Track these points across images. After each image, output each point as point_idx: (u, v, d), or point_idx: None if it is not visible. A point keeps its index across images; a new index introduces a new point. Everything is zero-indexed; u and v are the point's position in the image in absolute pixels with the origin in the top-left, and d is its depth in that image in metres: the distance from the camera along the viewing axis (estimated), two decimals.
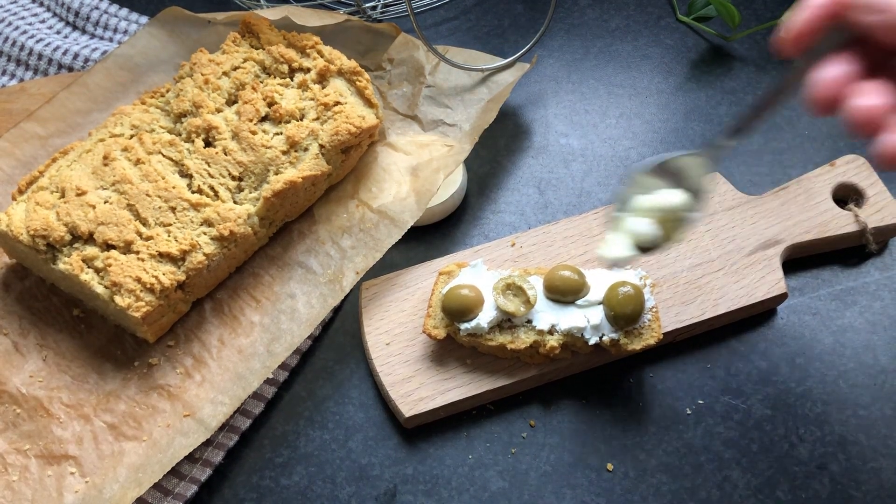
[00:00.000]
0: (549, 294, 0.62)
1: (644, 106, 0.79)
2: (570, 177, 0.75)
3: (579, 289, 0.61)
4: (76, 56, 0.81)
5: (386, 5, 0.84)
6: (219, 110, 0.70)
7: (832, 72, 0.42)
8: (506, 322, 0.62)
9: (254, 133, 0.68)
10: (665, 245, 0.50)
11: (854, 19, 0.41)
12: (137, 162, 0.67)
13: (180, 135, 0.69)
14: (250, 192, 0.67)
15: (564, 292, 0.61)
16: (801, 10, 0.42)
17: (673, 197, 0.47)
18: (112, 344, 0.67)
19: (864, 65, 0.43)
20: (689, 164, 0.47)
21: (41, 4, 0.86)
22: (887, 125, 0.41)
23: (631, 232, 0.49)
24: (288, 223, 0.71)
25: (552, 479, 0.61)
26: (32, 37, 0.82)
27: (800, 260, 0.69)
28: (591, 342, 0.60)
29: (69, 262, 0.63)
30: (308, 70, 0.72)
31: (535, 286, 0.62)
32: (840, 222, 0.67)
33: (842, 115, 0.42)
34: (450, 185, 0.71)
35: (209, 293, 0.68)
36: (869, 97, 0.41)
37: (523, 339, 0.61)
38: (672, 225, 0.48)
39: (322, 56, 0.72)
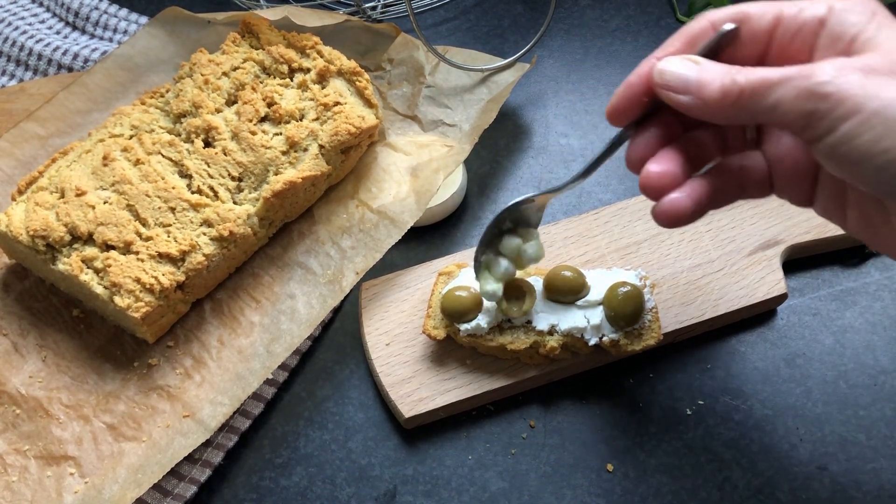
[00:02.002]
0: (548, 294, 0.62)
1: None
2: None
3: (579, 289, 0.61)
4: (76, 56, 0.81)
5: (386, 5, 0.84)
6: (218, 110, 0.69)
7: (640, 140, 0.49)
8: (506, 323, 0.62)
9: (253, 133, 0.68)
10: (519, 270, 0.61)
11: (664, 98, 0.46)
12: (137, 162, 0.67)
13: (180, 135, 0.69)
14: (250, 193, 0.67)
15: (564, 293, 0.61)
16: (620, 87, 0.49)
17: (512, 241, 0.59)
18: (112, 344, 0.67)
19: (674, 130, 0.49)
20: (532, 205, 0.57)
21: (41, 4, 0.86)
22: (665, 191, 0.47)
23: (492, 271, 0.59)
24: (288, 223, 0.71)
25: (552, 480, 0.61)
26: (32, 37, 0.82)
27: (800, 260, 0.69)
28: (591, 343, 0.60)
29: (69, 263, 0.63)
30: (308, 70, 0.72)
31: (535, 287, 0.62)
32: None
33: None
34: (450, 185, 0.71)
35: (209, 294, 0.68)
36: (654, 165, 0.48)
37: (523, 340, 0.61)
38: (519, 260, 0.59)
39: (322, 56, 0.72)
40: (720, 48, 0.46)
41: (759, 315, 0.67)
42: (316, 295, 0.67)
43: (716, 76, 0.44)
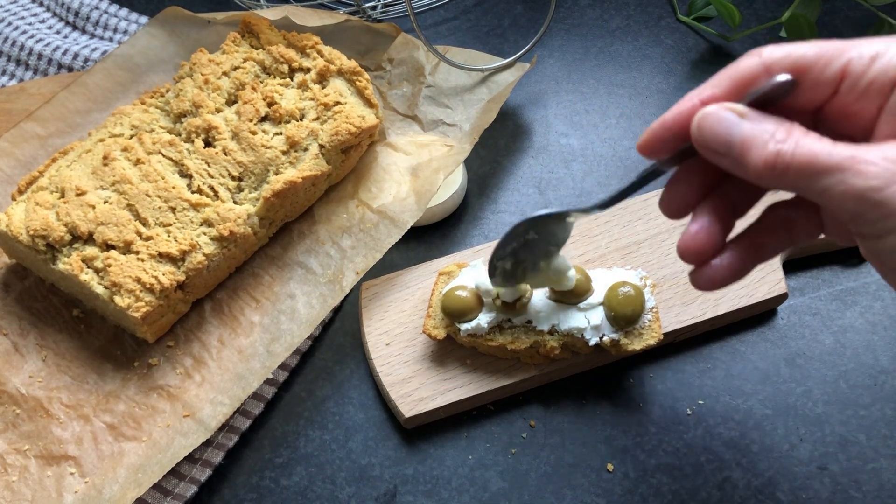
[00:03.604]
0: (553, 295, 0.62)
1: (644, 106, 0.79)
2: (570, 177, 0.75)
3: (585, 291, 0.61)
4: (76, 56, 0.81)
5: (386, 5, 0.84)
6: (219, 110, 0.69)
7: (676, 188, 0.47)
8: (506, 322, 0.62)
9: (254, 133, 0.68)
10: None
11: (701, 154, 0.42)
12: (137, 162, 0.67)
13: (180, 135, 0.69)
14: (250, 193, 0.67)
15: (570, 294, 0.61)
16: (655, 124, 0.44)
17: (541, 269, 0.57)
18: (112, 344, 0.67)
19: (714, 172, 0.45)
20: (561, 222, 0.53)
21: (41, 4, 0.86)
22: (704, 260, 0.45)
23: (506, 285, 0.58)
24: (288, 223, 0.71)
25: (552, 480, 0.61)
26: (32, 37, 0.82)
27: (800, 260, 0.69)
28: (592, 343, 0.60)
29: (69, 263, 0.63)
30: (308, 70, 0.72)
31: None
32: None
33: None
34: (450, 185, 0.71)
35: (209, 293, 0.68)
36: (691, 237, 0.45)
37: (523, 340, 0.61)
38: (543, 282, 0.58)
39: (322, 56, 0.72)
40: (776, 97, 0.41)
41: (760, 315, 0.67)
42: (316, 295, 0.67)
43: (760, 142, 0.40)
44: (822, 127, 0.43)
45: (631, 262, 0.67)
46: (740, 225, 0.48)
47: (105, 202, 0.65)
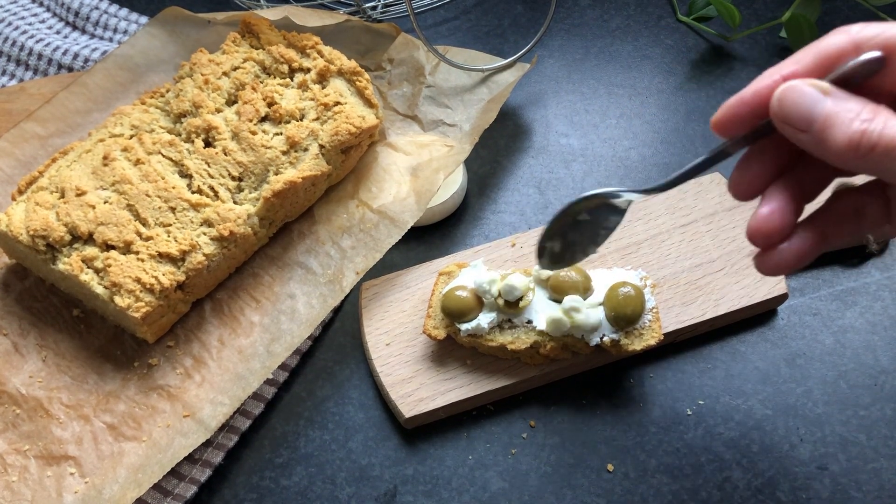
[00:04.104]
0: (553, 295, 0.62)
1: (644, 106, 0.79)
2: (571, 177, 0.75)
3: (585, 289, 0.61)
4: (76, 56, 0.81)
5: (386, 5, 0.84)
6: (219, 110, 0.69)
7: (747, 168, 0.44)
8: (506, 322, 0.62)
9: (254, 133, 0.68)
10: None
11: (780, 130, 0.41)
12: (137, 162, 0.67)
13: (180, 135, 0.69)
14: (250, 193, 0.67)
15: (571, 293, 0.61)
16: (732, 99, 0.43)
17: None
18: (112, 344, 0.67)
19: (786, 153, 0.44)
20: (613, 200, 0.50)
21: (41, 4, 0.86)
22: (773, 243, 0.44)
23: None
24: (288, 223, 0.71)
25: (552, 480, 0.61)
26: (32, 37, 0.82)
27: None
28: (592, 343, 0.60)
29: (69, 263, 0.63)
30: (308, 70, 0.72)
31: (536, 287, 0.62)
32: None
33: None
34: (450, 185, 0.71)
35: (209, 293, 0.68)
36: (761, 219, 0.43)
37: (524, 340, 0.61)
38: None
39: (322, 56, 0.72)
40: (861, 77, 0.40)
41: (760, 315, 0.67)
42: (316, 295, 0.67)
43: (845, 119, 0.38)
44: None
45: (631, 262, 0.67)
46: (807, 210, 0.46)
47: (105, 202, 0.65)
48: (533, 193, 0.74)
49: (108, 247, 0.64)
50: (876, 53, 0.39)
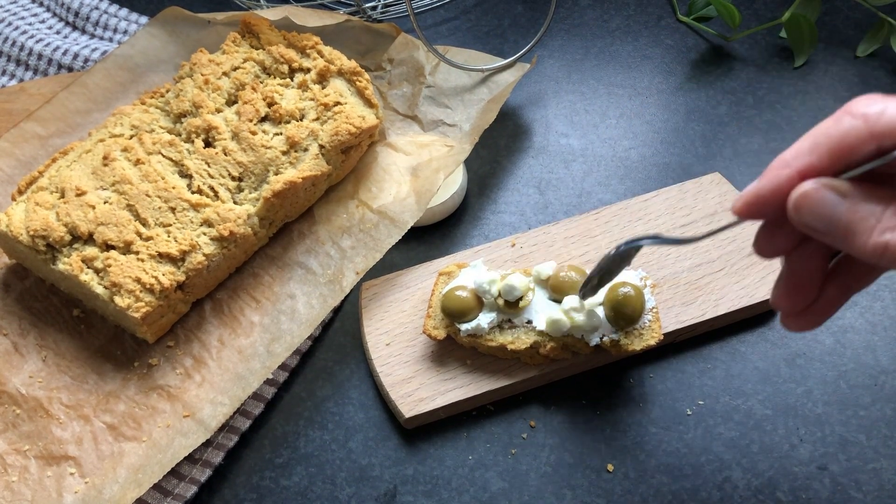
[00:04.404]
0: (553, 295, 0.62)
1: (644, 106, 0.79)
2: (570, 177, 0.75)
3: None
4: (76, 56, 0.81)
5: (386, 5, 0.84)
6: (219, 110, 0.69)
7: (770, 237, 0.43)
8: (506, 322, 0.62)
9: (254, 133, 0.68)
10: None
11: (800, 229, 0.39)
12: (137, 162, 0.67)
13: (180, 135, 0.69)
14: (250, 193, 0.67)
15: (571, 293, 0.61)
16: (748, 191, 0.40)
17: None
18: (112, 344, 0.67)
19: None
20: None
21: (41, 4, 0.86)
22: (797, 311, 0.43)
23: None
24: (288, 223, 0.71)
25: (552, 480, 0.61)
26: (32, 37, 0.82)
27: None
28: (592, 343, 0.60)
29: (69, 263, 0.63)
30: (308, 70, 0.72)
31: (536, 287, 0.62)
32: None
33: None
34: (450, 185, 0.71)
35: (209, 293, 0.68)
36: (781, 293, 0.43)
37: (523, 340, 0.61)
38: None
39: (322, 56, 0.72)
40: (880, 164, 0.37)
41: (760, 315, 0.67)
42: (316, 295, 0.67)
43: (866, 228, 0.36)
44: None
45: (631, 262, 0.67)
46: None
47: (105, 202, 0.65)
48: (533, 193, 0.74)
49: (108, 247, 0.64)
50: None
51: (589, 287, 0.56)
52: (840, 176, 0.38)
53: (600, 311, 0.60)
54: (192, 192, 0.67)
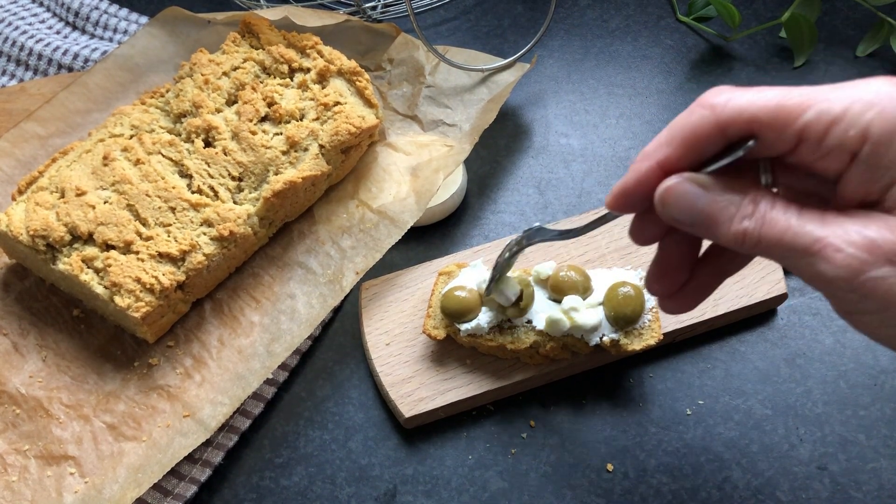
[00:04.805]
0: (553, 295, 0.62)
1: (644, 106, 0.79)
2: (570, 177, 0.75)
3: (585, 290, 0.61)
4: (76, 56, 0.81)
5: (386, 5, 0.84)
6: (219, 110, 0.70)
7: (643, 226, 0.45)
8: (506, 322, 0.62)
9: (254, 133, 0.68)
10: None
11: (667, 222, 0.42)
12: (137, 162, 0.67)
13: (180, 135, 0.69)
14: (250, 193, 0.67)
15: (570, 294, 0.61)
16: (617, 186, 0.43)
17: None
18: (112, 344, 0.67)
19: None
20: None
21: (41, 4, 0.86)
22: (668, 294, 0.47)
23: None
24: (288, 223, 0.71)
25: (552, 480, 0.61)
26: (32, 37, 0.82)
27: None
28: (592, 343, 0.60)
29: (69, 263, 0.63)
30: (308, 70, 0.72)
31: (536, 287, 0.62)
32: None
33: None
34: (450, 185, 0.71)
35: (209, 293, 0.68)
36: (652, 277, 0.46)
37: (523, 340, 0.61)
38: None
39: (322, 56, 0.72)
40: (736, 159, 0.40)
41: (760, 315, 0.67)
42: (316, 295, 0.67)
43: (726, 217, 0.39)
44: (783, 170, 0.42)
45: (631, 262, 0.67)
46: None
47: (105, 202, 0.65)
48: (533, 193, 0.74)
49: (108, 247, 0.64)
50: (751, 143, 0.38)
51: (490, 286, 0.59)
52: (702, 170, 0.40)
53: (600, 311, 0.60)
54: (192, 192, 0.67)
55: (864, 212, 0.38)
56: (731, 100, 0.39)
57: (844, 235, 0.36)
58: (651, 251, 0.62)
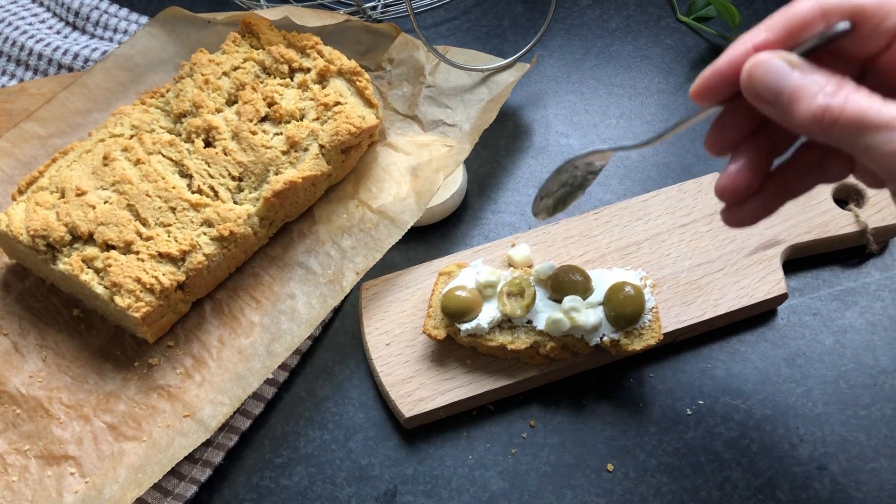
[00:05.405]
0: (553, 295, 0.62)
1: (644, 106, 0.79)
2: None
3: (585, 290, 0.61)
4: (76, 56, 0.81)
5: (386, 5, 0.84)
6: (219, 110, 0.70)
7: (721, 125, 0.47)
8: (506, 322, 0.62)
9: (254, 133, 0.68)
10: None
11: (749, 101, 0.42)
12: (137, 162, 0.67)
13: (180, 135, 0.69)
14: (250, 193, 0.67)
15: (571, 294, 0.61)
16: (707, 71, 0.44)
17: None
18: (112, 344, 0.67)
19: (754, 119, 0.46)
20: (600, 156, 0.54)
21: (41, 4, 0.86)
22: (740, 200, 0.47)
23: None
24: (288, 223, 0.71)
25: (552, 480, 0.61)
26: (32, 37, 0.82)
27: (800, 260, 0.69)
28: (592, 343, 0.60)
29: (69, 263, 0.63)
30: (308, 70, 0.72)
31: (536, 287, 0.62)
32: (841, 222, 0.67)
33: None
34: (450, 185, 0.71)
35: (209, 293, 0.68)
36: (729, 176, 0.46)
37: (523, 340, 0.61)
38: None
39: (322, 56, 0.72)
40: (829, 42, 0.40)
41: (760, 315, 0.67)
42: (316, 295, 0.67)
43: (809, 94, 0.39)
44: (871, 78, 0.43)
45: (631, 262, 0.67)
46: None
47: (105, 202, 0.65)
48: (533, 193, 0.74)
49: (108, 247, 0.64)
50: (845, 25, 0.40)
51: (542, 207, 0.57)
52: (793, 51, 0.41)
53: (600, 311, 0.60)
54: (193, 192, 0.67)
55: None
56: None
57: None
58: (649, 256, 0.62)
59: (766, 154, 0.47)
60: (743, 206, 0.47)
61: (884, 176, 0.40)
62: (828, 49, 0.41)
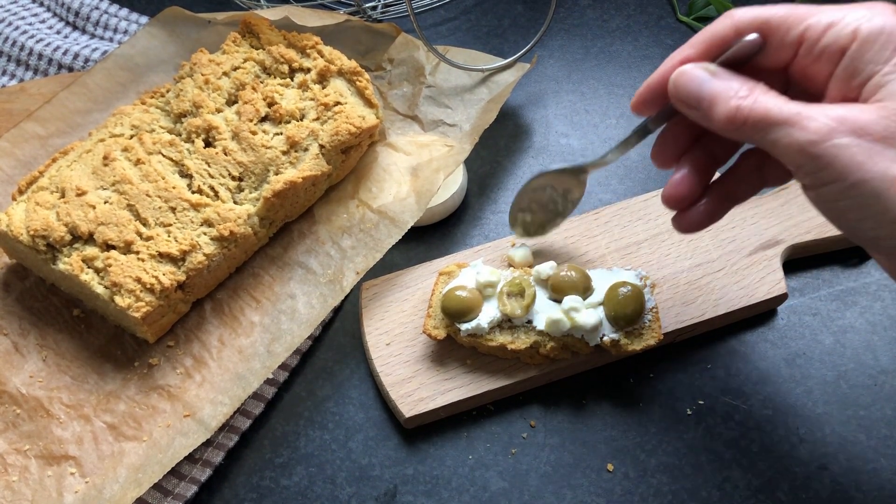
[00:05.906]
0: (553, 295, 0.62)
1: None
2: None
3: (585, 290, 0.61)
4: (76, 56, 0.81)
5: (386, 5, 0.84)
6: (219, 110, 0.70)
7: (663, 140, 0.53)
8: (506, 322, 0.62)
9: (254, 133, 0.68)
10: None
11: (677, 108, 0.48)
12: (137, 162, 0.67)
13: (180, 135, 0.69)
14: (250, 193, 0.67)
15: (570, 294, 0.61)
16: (642, 86, 0.50)
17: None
18: (112, 344, 0.67)
19: (692, 133, 0.52)
20: (568, 172, 0.59)
21: (41, 4, 0.86)
22: (685, 206, 0.52)
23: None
24: (288, 223, 0.71)
25: (552, 480, 0.61)
26: (32, 37, 0.82)
27: (800, 260, 0.69)
28: (592, 343, 0.60)
29: (69, 263, 0.63)
30: (308, 70, 0.72)
31: (536, 287, 0.62)
32: None
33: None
34: (450, 185, 0.71)
35: (209, 293, 0.68)
36: (673, 186, 0.51)
37: (523, 340, 0.61)
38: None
39: (322, 56, 0.72)
40: (745, 57, 0.46)
41: (760, 315, 0.67)
42: (316, 295, 0.67)
43: (725, 98, 0.44)
44: (792, 88, 0.48)
45: (631, 262, 0.67)
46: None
47: (105, 202, 0.65)
48: None
49: (108, 247, 0.64)
50: (753, 36, 0.45)
51: (519, 221, 0.63)
52: (713, 62, 0.47)
53: (600, 311, 0.60)
54: (193, 192, 0.67)
55: (841, 103, 0.43)
56: (749, 10, 0.46)
57: (821, 110, 0.42)
58: (649, 256, 0.63)
59: (705, 164, 0.51)
60: (689, 213, 0.52)
61: (789, 167, 0.43)
62: (752, 64, 0.46)
